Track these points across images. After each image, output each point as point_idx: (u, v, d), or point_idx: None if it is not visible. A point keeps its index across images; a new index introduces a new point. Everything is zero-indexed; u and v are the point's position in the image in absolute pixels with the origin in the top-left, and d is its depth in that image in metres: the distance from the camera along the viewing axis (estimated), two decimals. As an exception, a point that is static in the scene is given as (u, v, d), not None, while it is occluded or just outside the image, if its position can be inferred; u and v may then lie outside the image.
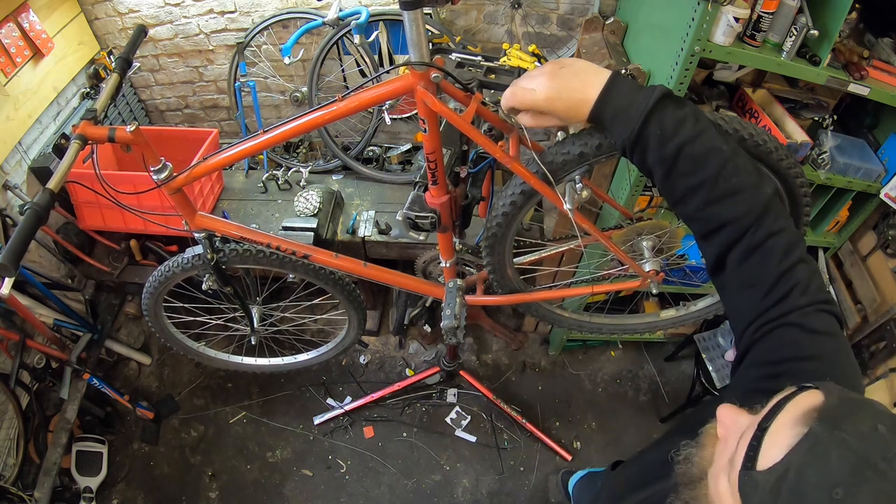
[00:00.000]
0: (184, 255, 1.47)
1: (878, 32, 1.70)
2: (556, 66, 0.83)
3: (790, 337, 0.74)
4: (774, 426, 0.55)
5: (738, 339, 0.82)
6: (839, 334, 0.74)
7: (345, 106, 1.03)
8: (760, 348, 0.76)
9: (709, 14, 1.37)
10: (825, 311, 0.75)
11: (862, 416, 0.53)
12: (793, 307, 0.74)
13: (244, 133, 2.63)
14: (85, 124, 1.04)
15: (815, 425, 0.52)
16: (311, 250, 1.40)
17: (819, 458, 0.50)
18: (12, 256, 0.88)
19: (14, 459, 2.17)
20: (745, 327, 0.79)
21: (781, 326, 0.75)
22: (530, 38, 2.42)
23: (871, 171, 1.82)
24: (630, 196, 1.84)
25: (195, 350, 1.95)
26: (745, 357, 0.79)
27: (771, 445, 0.54)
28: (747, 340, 0.79)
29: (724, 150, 0.78)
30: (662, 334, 2.77)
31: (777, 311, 0.75)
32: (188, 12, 2.44)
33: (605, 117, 0.81)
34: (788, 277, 0.75)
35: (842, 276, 2.23)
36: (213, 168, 1.17)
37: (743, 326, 0.80)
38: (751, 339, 0.78)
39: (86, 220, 2.24)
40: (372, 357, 2.89)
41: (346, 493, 2.45)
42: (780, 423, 0.55)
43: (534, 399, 2.77)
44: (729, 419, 0.63)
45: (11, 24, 1.97)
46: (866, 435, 0.50)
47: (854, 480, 0.48)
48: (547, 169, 1.01)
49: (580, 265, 2.13)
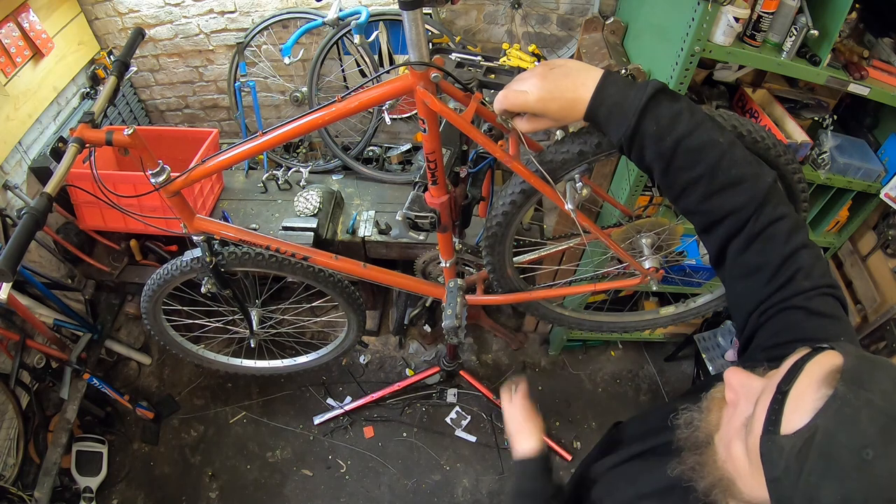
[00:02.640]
0: (182, 259, 1.46)
1: (878, 32, 1.69)
2: (547, 67, 0.83)
3: (795, 319, 0.74)
4: (796, 388, 0.55)
5: (741, 328, 0.82)
6: (843, 317, 0.75)
7: (345, 106, 1.03)
8: (765, 332, 0.76)
9: (709, 14, 1.37)
10: (829, 295, 0.75)
11: (882, 375, 0.52)
12: (797, 291, 0.74)
13: (244, 133, 2.63)
14: (82, 127, 1.03)
15: (841, 386, 0.51)
16: (311, 252, 1.40)
17: (849, 420, 0.50)
18: (10, 262, 0.88)
19: (14, 459, 2.17)
20: (749, 314, 0.79)
21: (786, 310, 0.75)
22: (530, 38, 2.41)
23: (871, 171, 1.82)
24: (630, 195, 1.84)
25: (194, 353, 1.95)
26: (751, 343, 0.78)
27: (795, 409, 0.54)
28: (752, 326, 0.78)
29: (721, 142, 0.78)
30: (662, 334, 2.77)
31: (781, 295, 0.75)
32: (188, 12, 2.44)
33: (600, 116, 0.80)
34: (792, 262, 0.75)
35: (842, 276, 2.23)
36: (212, 171, 1.17)
37: (747, 313, 0.79)
38: (756, 325, 0.77)
39: (86, 220, 2.24)
40: (372, 357, 2.89)
41: (346, 493, 2.45)
42: (803, 385, 0.54)
43: (534, 399, 2.76)
44: (739, 382, 0.62)
45: (11, 24, 1.97)
46: (890, 393, 0.51)
47: (884, 439, 0.48)
48: (547, 168, 1.00)
49: (580, 263, 2.13)
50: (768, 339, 0.75)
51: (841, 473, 0.49)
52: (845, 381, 0.52)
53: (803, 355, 0.58)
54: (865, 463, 0.48)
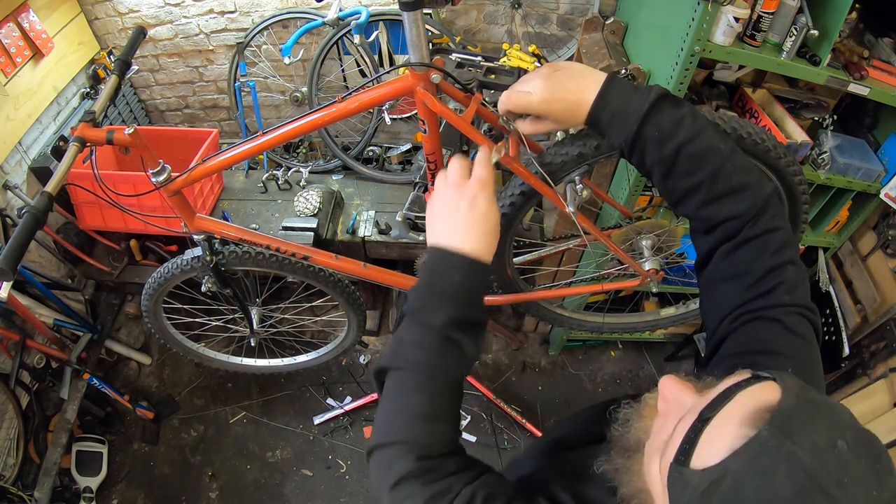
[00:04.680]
0: (183, 258, 1.46)
1: (878, 32, 1.70)
2: (552, 68, 0.83)
3: (768, 330, 0.72)
4: (718, 419, 0.49)
5: (712, 332, 0.79)
6: (815, 345, 0.73)
7: (345, 107, 1.03)
8: (734, 339, 0.74)
9: (709, 14, 1.37)
10: (806, 318, 0.74)
11: (820, 426, 0.46)
12: (776, 303, 0.73)
13: (244, 133, 2.63)
14: (83, 126, 1.03)
15: (765, 430, 0.45)
16: (311, 252, 1.40)
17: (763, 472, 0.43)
18: (10, 261, 0.88)
19: (14, 459, 2.17)
20: (723, 319, 0.77)
21: (761, 319, 0.73)
22: (530, 39, 2.41)
23: (871, 171, 1.82)
24: (630, 196, 1.84)
25: (195, 351, 1.95)
26: (720, 348, 0.76)
27: (710, 441, 0.48)
28: (722, 332, 0.76)
29: (722, 149, 0.78)
30: (662, 334, 2.77)
31: (759, 303, 0.74)
32: (188, 12, 2.44)
33: (602, 119, 0.80)
34: (777, 274, 0.75)
35: (842, 276, 2.23)
36: (212, 171, 1.17)
37: (720, 318, 0.77)
38: (727, 330, 0.76)
39: (86, 220, 2.24)
40: (372, 357, 2.89)
41: (346, 492, 2.45)
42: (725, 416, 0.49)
43: (534, 399, 2.77)
44: (671, 394, 0.57)
45: (11, 24, 1.97)
46: (822, 451, 0.43)
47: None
48: (547, 170, 1.01)
49: (580, 264, 2.13)
50: (735, 347, 0.73)
51: None
52: (772, 424, 0.45)
53: (739, 381, 0.52)
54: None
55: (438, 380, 0.73)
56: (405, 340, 0.75)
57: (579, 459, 0.74)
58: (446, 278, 0.75)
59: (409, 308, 0.77)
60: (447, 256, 0.76)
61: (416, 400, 0.72)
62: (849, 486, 0.42)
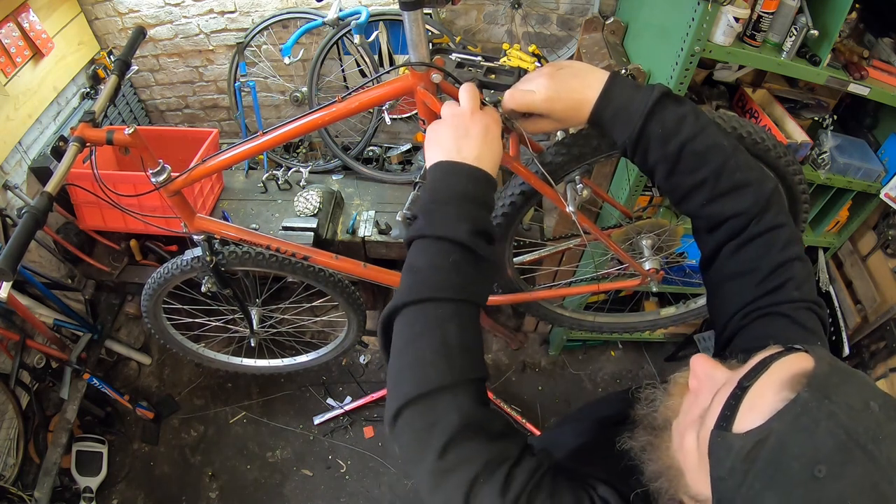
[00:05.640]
0: (183, 258, 1.46)
1: (878, 32, 1.70)
2: (555, 67, 0.83)
3: (778, 326, 0.73)
4: (757, 386, 0.51)
5: (721, 330, 0.80)
6: (824, 339, 0.74)
7: (345, 107, 1.03)
8: (745, 335, 0.75)
9: (709, 14, 1.37)
10: (815, 313, 0.74)
11: (853, 389, 0.49)
12: (785, 299, 0.74)
13: (244, 133, 2.63)
14: (83, 126, 1.03)
15: (804, 392, 0.48)
16: (311, 252, 1.40)
17: (805, 430, 0.46)
18: (10, 261, 0.88)
19: (14, 459, 2.17)
20: (732, 315, 0.77)
21: (771, 315, 0.74)
22: (530, 38, 2.41)
23: (871, 171, 1.82)
24: (630, 196, 1.84)
25: (195, 351, 1.95)
26: (730, 345, 0.77)
27: (751, 407, 0.50)
28: (733, 328, 0.77)
29: (725, 146, 0.78)
30: (662, 334, 2.77)
31: (769, 299, 0.75)
32: (188, 12, 2.44)
33: (605, 117, 0.80)
34: (784, 270, 0.75)
35: (842, 276, 2.23)
36: (212, 171, 1.17)
37: (730, 315, 0.78)
38: (737, 326, 0.76)
39: (86, 220, 2.24)
40: (372, 357, 2.89)
41: (346, 493, 2.45)
42: (764, 384, 0.51)
43: (534, 399, 2.77)
44: (703, 371, 0.59)
45: (11, 24, 1.97)
46: (857, 410, 0.47)
47: (840, 458, 0.45)
48: (547, 169, 1.01)
49: (580, 264, 2.13)
50: (746, 343, 0.74)
51: (787, 486, 0.46)
52: (811, 387, 0.48)
53: (773, 353, 0.55)
54: (815, 480, 0.45)
55: (470, 303, 0.68)
56: (423, 267, 0.68)
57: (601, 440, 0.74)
58: (464, 187, 0.72)
59: (420, 228, 0.71)
60: (461, 168, 0.74)
61: (452, 328, 0.64)
62: (883, 442, 0.45)
